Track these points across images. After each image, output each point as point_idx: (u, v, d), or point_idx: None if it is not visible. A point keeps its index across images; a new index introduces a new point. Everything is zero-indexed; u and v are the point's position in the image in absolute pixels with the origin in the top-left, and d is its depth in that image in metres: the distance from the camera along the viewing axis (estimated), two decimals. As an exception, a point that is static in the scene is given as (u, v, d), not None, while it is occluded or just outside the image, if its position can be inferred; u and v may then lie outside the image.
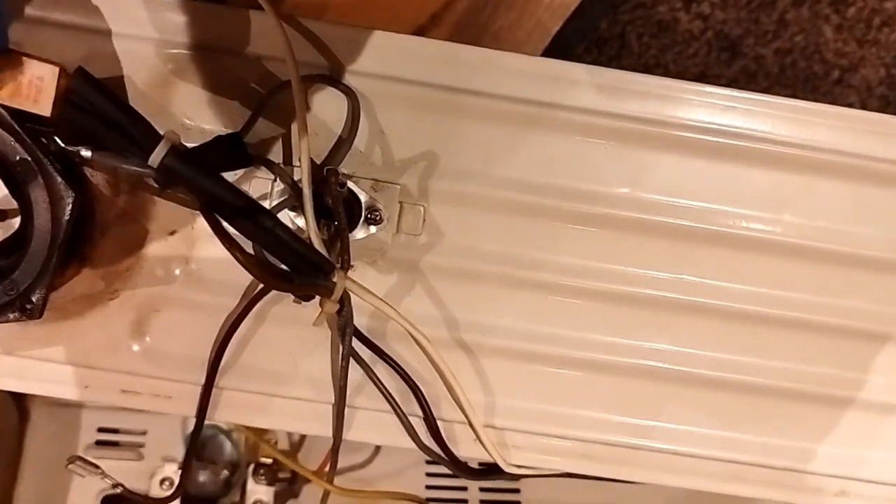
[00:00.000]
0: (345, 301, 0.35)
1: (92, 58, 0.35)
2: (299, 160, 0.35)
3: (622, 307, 0.39)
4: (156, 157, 0.30)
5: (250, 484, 0.56)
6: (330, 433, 0.39)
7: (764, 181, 0.39)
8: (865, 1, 0.71)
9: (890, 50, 0.71)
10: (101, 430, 0.58)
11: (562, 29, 0.71)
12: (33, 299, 0.33)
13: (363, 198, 0.36)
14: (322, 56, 0.37)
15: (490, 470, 0.40)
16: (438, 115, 0.37)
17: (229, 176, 0.34)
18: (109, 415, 0.58)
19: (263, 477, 0.56)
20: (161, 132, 0.31)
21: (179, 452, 0.58)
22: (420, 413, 0.39)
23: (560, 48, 0.72)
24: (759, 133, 0.38)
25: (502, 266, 0.38)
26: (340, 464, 0.53)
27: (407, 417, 0.39)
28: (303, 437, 0.59)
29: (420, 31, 0.72)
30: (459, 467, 0.40)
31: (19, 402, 0.55)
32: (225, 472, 0.58)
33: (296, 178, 0.36)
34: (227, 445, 0.58)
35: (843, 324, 0.39)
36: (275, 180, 0.36)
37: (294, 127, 0.36)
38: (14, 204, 0.33)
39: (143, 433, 0.58)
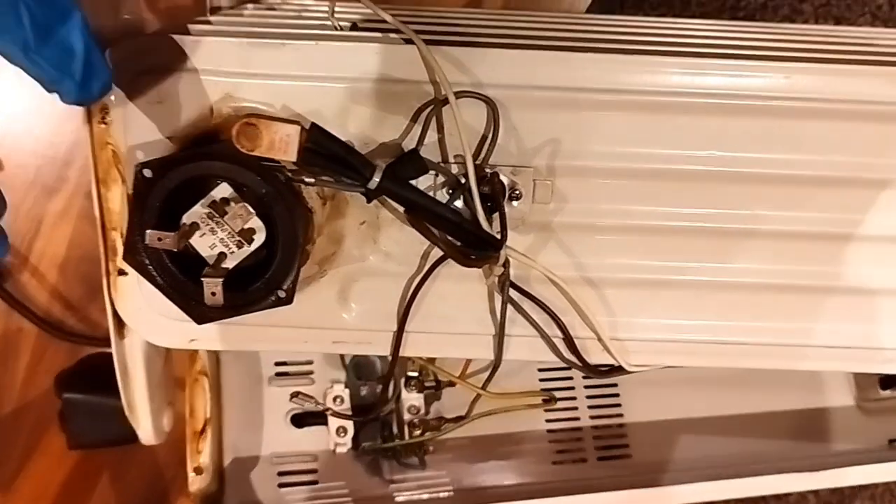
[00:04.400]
0: (506, 264, 0.47)
1: (294, 98, 0.46)
2: (460, 160, 0.46)
3: (703, 239, 0.51)
4: (374, 182, 0.41)
5: (404, 393, 0.70)
6: (492, 356, 0.52)
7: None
8: None
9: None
10: (277, 363, 0.71)
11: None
12: (286, 288, 0.45)
13: (506, 181, 0.47)
14: (462, 74, 0.47)
15: (615, 369, 0.53)
16: (557, 111, 0.48)
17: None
18: (281, 351, 0.71)
19: (414, 387, 0.70)
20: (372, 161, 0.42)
21: (342, 375, 0.71)
22: (560, 335, 0.51)
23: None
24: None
25: (613, 219, 0.50)
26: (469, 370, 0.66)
27: (551, 339, 0.51)
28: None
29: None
30: (592, 370, 0.53)
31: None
32: (380, 387, 0.71)
33: (454, 172, 0.47)
34: (378, 365, 0.72)
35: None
36: (436, 176, 0.48)
37: (447, 132, 0.47)
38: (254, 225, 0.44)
39: (310, 363, 0.72)
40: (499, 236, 0.46)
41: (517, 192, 0.48)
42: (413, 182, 0.45)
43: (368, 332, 0.51)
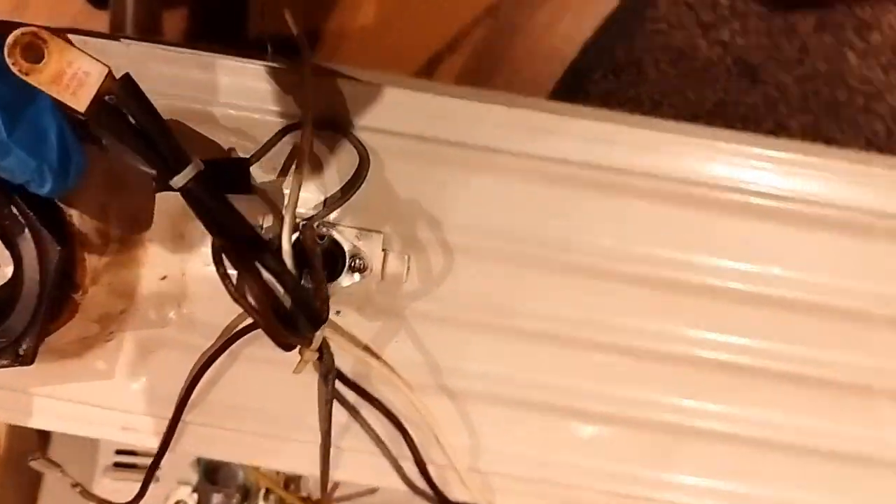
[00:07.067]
0: (324, 349, 0.36)
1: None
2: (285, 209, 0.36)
3: (601, 355, 0.39)
4: (181, 180, 0.31)
5: (260, 508, 0.57)
6: (317, 473, 0.40)
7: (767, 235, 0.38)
8: (891, 26, 0.69)
9: (918, 75, 0.69)
10: (118, 451, 0.59)
11: (578, 56, 0.71)
12: (24, 346, 0.34)
13: (346, 246, 0.37)
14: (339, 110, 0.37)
15: (479, 513, 0.41)
16: (426, 167, 0.38)
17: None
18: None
19: (273, 502, 0.57)
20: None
21: (193, 476, 0.59)
22: (410, 455, 0.39)
23: (576, 75, 0.72)
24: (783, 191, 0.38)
25: (486, 314, 0.39)
26: (348, 491, 0.55)
27: (396, 459, 0.39)
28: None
29: (437, 59, 0.73)
30: (451, 510, 0.40)
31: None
32: (237, 497, 0.59)
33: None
34: (240, 472, 0.60)
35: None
36: (260, 226, 0.37)
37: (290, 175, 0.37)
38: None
39: (159, 456, 0.60)
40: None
41: (360, 262, 0.37)
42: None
43: (165, 419, 0.40)
